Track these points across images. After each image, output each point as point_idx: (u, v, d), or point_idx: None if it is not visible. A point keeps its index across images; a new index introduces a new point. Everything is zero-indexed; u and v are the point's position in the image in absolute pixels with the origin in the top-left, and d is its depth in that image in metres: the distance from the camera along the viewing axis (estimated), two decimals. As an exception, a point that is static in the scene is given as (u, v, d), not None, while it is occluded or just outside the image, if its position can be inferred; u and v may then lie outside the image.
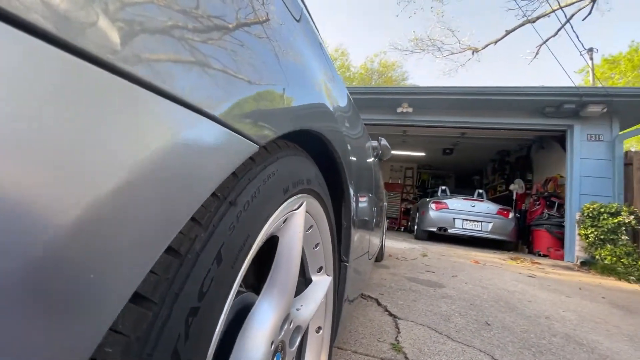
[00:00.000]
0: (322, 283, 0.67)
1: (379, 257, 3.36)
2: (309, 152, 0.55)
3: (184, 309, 0.22)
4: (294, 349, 0.54)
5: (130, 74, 0.17)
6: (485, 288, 2.73)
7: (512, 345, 1.52)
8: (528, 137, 7.48)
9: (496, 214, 6.49)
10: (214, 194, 0.26)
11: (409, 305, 2.00)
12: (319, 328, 0.71)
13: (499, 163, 9.82)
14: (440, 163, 12.00)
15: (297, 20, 0.46)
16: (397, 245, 5.84)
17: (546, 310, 2.25)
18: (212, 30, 0.25)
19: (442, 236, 7.67)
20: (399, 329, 1.58)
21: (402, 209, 13.06)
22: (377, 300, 2.04)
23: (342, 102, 0.75)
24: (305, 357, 0.68)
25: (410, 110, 6.25)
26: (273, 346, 0.44)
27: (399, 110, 6.28)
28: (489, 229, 6.37)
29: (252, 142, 0.26)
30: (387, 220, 12.70)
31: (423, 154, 10.47)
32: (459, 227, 6.45)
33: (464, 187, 10.64)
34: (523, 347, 1.50)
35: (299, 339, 0.55)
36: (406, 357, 1.28)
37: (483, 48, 11.18)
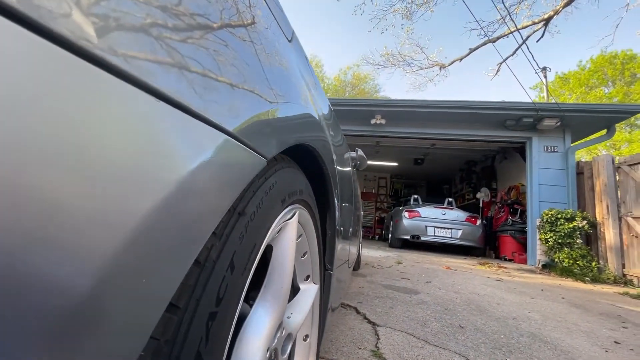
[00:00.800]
0: (309, 291, 0.69)
1: (357, 265, 3.40)
2: (299, 164, 0.58)
3: (204, 314, 0.23)
4: (285, 356, 0.55)
5: (157, 91, 0.19)
6: (457, 293, 2.84)
7: (484, 346, 1.59)
8: (492, 148, 7.95)
9: (465, 221, 6.78)
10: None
11: (386, 312, 2.04)
12: (307, 336, 0.72)
13: (467, 172, 10.33)
14: (412, 172, 12.42)
15: (289, 41, 0.49)
16: (373, 253, 5.93)
17: (513, 311, 2.38)
18: (224, 51, 0.27)
19: (415, 244, 7.87)
20: (378, 336, 1.61)
21: (377, 218, 13.31)
22: (355, 309, 2.07)
23: (326, 112, 0.79)
24: (293, 365, 0.68)
25: (383, 122, 6.46)
26: (268, 353, 0.45)
27: (373, 121, 6.47)
28: (458, 236, 6.64)
29: (261, 157, 0.29)
30: (362, 229, 12.92)
31: (396, 163, 10.79)
32: (431, 234, 6.68)
33: (434, 195, 11.06)
34: (494, 348, 1.58)
35: (289, 347, 0.56)
36: (387, 363, 1.31)
37: (449, 64, 11.83)
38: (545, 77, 11.54)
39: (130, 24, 0.18)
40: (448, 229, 6.67)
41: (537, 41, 9.62)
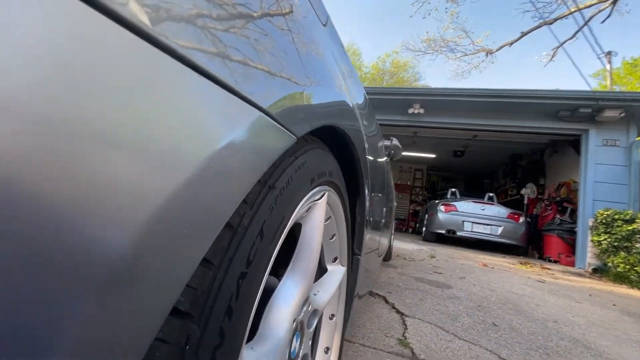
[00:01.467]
0: (337, 272, 0.71)
1: (387, 256, 3.38)
2: (330, 148, 0.59)
3: (236, 273, 0.25)
4: (311, 330, 0.58)
5: (201, 68, 0.21)
6: (493, 291, 2.73)
7: (519, 345, 1.53)
8: (541, 141, 7.37)
9: (506, 217, 6.42)
10: (258, 180, 0.30)
11: (416, 304, 2.02)
12: (332, 315, 0.75)
13: (511, 167, 9.70)
14: (451, 165, 11.90)
15: (324, 25, 0.50)
16: (405, 246, 5.84)
17: (554, 314, 2.24)
18: (261, 35, 0.29)
19: (450, 239, 7.61)
20: (406, 326, 1.61)
21: (411, 211, 13.01)
22: (384, 298, 2.07)
23: (360, 100, 0.79)
24: (319, 340, 0.72)
25: (421, 111, 6.23)
26: (294, 324, 0.48)
27: (411, 111, 6.27)
28: (498, 233, 6.31)
29: (291, 134, 0.30)
30: (395, 222, 12.70)
31: (433, 155, 10.41)
32: (468, 230, 6.41)
33: (474, 190, 10.54)
34: (530, 349, 1.51)
35: (315, 322, 0.59)
36: (413, 353, 1.31)
37: (497, 49, 11.04)
38: (609, 62, 10.37)
39: (177, 12, 0.20)
40: (487, 225, 6.36)
41: (602, 22, 8.62)
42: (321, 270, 0.71)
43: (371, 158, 0.94)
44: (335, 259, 0.72)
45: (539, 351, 1.49)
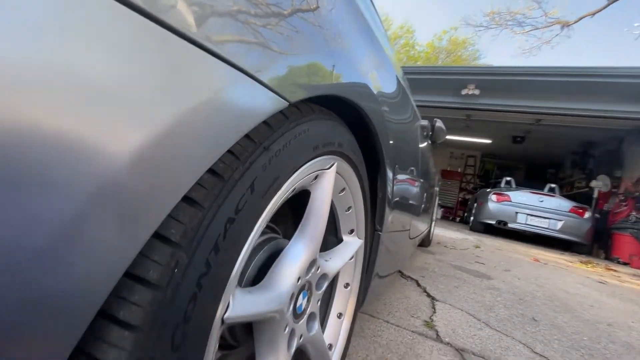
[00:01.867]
0: (352, 244, 0.74)
1: (426, 242, 3.31)
2: (348, 122, 0.61)
3: (224, 217, 0.30)
4: (320, 291, 0.62)
5: (187, 36, 0.24)
6: (540, 286, 2.55)
7: (558, 343, 1.44)
8: (622, 127, 6.42)
9: (569, 211, 5.82)
10: (251, 140, 0.33)
11: (449, 290, 1.97)
12: (347, 284, 0.78)
13: (581, 156, 8.64)
14: (509, 152, 10.96)
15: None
16: (449, 234, 5.63)
17: (610, 317, 2.04)
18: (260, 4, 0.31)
19: (500, 231, 7.15)
20: (434, 309, 1.59)
21: (460, 199, 12.37)
22: (417, 282, 2.05)
23: (385, 80, 0.78)
24: (333, 306, 0.76)
25: (476, 92, 5.78)
26: (300, 282, 0.52)
27: (464, 92, 5.85)
28: (557, 228, 5.77)
29: (282, 99, 0.33)
30: (442, 210, 12.20)
31: (489, 141, 9.66)
32: (522, 222, 5.94)
33: (535, 180, 9.61)
34: (571, 347, 1.41)
35: (325, 285, 0.63)
36: (438, 335, 1.31)
37: (576, 21, 9.66)
38: None
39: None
40: (545, 218, 5.83)
41: None
42: (337, 241, 0.74)
43: (397, 135, 0.93)
44: (352, 231, 0.75)
45: (581, 351, 1.39)
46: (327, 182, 0.54)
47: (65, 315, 0.20)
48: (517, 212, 6.00)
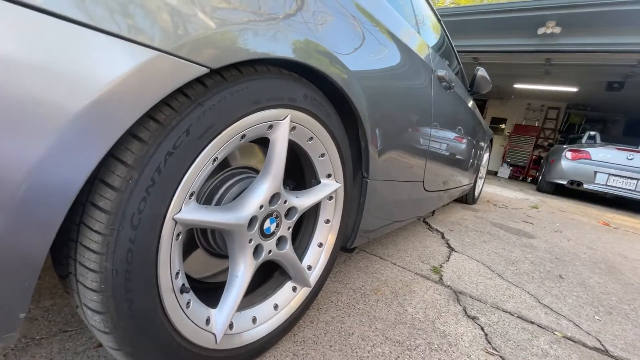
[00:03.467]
0: (328, 186, 0.86)
1: (469, 199, 3.22)
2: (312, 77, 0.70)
3: (164, 150, 0.45)
4: (290, 220, 0.77)
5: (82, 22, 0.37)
6: (591, 249, 2.37)
7: (575, 299, 1.42)
8: None
9: (667, 172, 4.91)
10: (187, 97, 0.47)
11: (474, 244, 1.99)
12: (328, 220, 0.92)
13: None
14: (602, 102, 9.26)
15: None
16: (507, 193, 5.27)
17: (665, 284, 1.86)
18: None
19: (573, 192, 6.41)
20: (449, 259, 1.66)
21: (534, 157, 11.11)
22: (442, 234, 2.10)
23: (351, 35, 0.82)
24: (314, 235, 0.91)
25: (557, 30, 4.90)
26: (263, 209, 0.68)
27: (541, 31, 5.01)
28: (648, 190, 4.96)
29: (201, 66, 0.45)
30: (512, 168, 11.14)
31: (574, 89, 8.26)
32: (601, 182, 5.23)
33: (637, 136, 8.05)
34: (589, 304, 1.39)
35: (295, 216, 0.77)
36: (441, 278, 1.40)
37: None
38: None
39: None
40: (632, 179, 5.03)
41: None
42: (317, 183, 0.87)
43: (386, 91, 0.98)
44: (329, 175, 0.86)
45: (598, 308, 1.36)
46: (282, 131, 0.66)
47: (53, 200, 0.37)
48: (596, 172, 5.26)
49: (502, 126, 11.90)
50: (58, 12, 0.32)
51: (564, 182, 5.58)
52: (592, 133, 6.43)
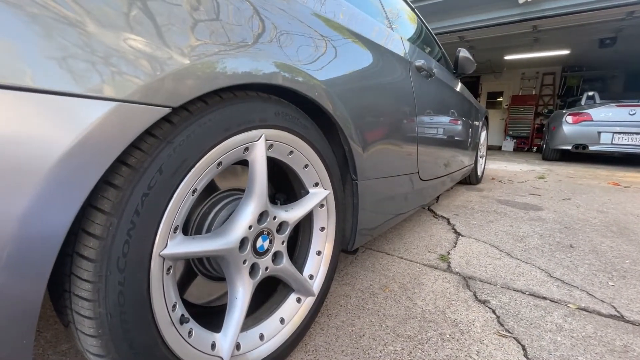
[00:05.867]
0: (317, 195, 0.87)
1: (473, 179, 3.20)
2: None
3: (139, 192, 0.46)
4: (283, 235, 0.78)
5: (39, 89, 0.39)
6: (602, 212, 2.34)
7: (587, 267, 1.41)
8: None
9: (672, 121, 4.81)
10: (155, 137, 0.49)
11: (481, 225, 1.98)
12: (323, 228, 0.93)
13: (702, 46, 6.77)
14: (597, 60, 9.11)
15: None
16: (512, 167, 5.21)
17: (681, 238, 1.83)
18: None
19: (581, 156, 6.32)
20: (456, 244, 1.66)
21: (536, 126, 10.96)
22: (448, 220, 2.09)
23: (307, 45, 0.83)
24: (312, 244, 0.92)
25: (538, -4, 4.85)
26: (252, 229, 0.69)
27: (522, 0, 4.96)
28: (655, 143, 4.86)
29: (162, 107, 0.46)
30: (515, 141, 11.02)
31: (566, 51, 8.14)
32: (606, 142, 5.14)
33: (638, 89, 7.87)
34: (602, 270, 1.37)
35: (288, 230, 0.79)
36: (449, 266, 1.40)
37: None
38: None
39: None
40: (638, 134, 4.94)
41: None
42: (306, 193, 0.88)
43: (359, 92, 0.98)
44: (317, 184, 0.87)
45: (611, 273, 1.35)
46: (258, 151, 0.67)
47: (40, 252, 0.39)
48: (600, 132, 5.18)
49: (500, 99, 11.77)
50: (17, 85, 0.34)
51: (569, 147, 5.51)
52: (590, 93, 6.33)
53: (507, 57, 8.94)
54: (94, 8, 0.41)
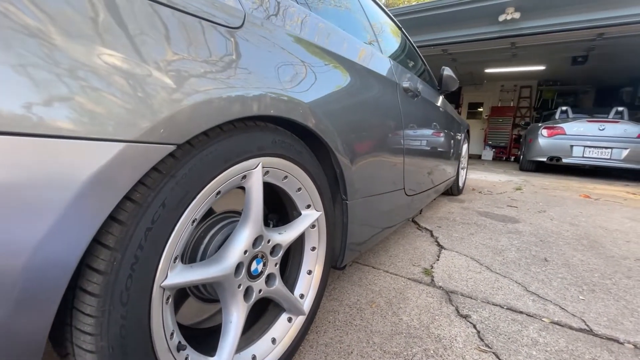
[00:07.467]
0: (309, 216, 0.90)
1: (454, 191, 3.30)
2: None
3: (143, 227, 0.48)
4: (276, 257, 0.80)
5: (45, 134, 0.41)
6: (574, 225, 2.47)
7: (560, 281, 1.49)
8: None
9: (637, 137, 5.14)
10: (159, 172, 0.50)
11: (462, 238, 2.06)
12: (314, 247, 0.96)
13: (663, 67, 7.27)
14: (570, 76, 9.61)
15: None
16: (491, 177, 5.41)
17: (644, 252, 1.96)
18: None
19: (555, 167, 6.62)
20: (439, 258, 1.72)
21: (514, 136, 11.41)
22: (431, 232, 2.16)
23: (297, 76, 0.87)
24: (303, 265, 0.95)
25: (517, 15, 5.10)
26: (247, 254, 0.71)
27: (502, 18, 5.19)
28: (622, 157, 5.17)
29: (168, 145, 0.48)
30: (494, 150, 11.44)
31: (542, 67, 8.55)
32: (578, 155, 5.43)
33: (607, 104, 8.36)
34: (573, 284, 1.46)
35: (280, 252, 0.81)
36: (432, 280, 1.45)
37: None
38: None
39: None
40: (606, 148, 5.25)
41: None
42: (298, 214, 0.91)
43: (349, 118, 1.02)
44: (309, 205, 0.90)
45: (582, 287, 1.43)
46: (255, 178, 0.69)
47: (46, 286, 0.40)
48: (572, 145, 5.47)
49: (480, 109, 12.20)
50: (38, 132, 0.35)
51: (544, 159, 5.78)
52: (564, 108, 6.67)
53: (488, 70, 9.28)
54: (107, 58, 0.42)
